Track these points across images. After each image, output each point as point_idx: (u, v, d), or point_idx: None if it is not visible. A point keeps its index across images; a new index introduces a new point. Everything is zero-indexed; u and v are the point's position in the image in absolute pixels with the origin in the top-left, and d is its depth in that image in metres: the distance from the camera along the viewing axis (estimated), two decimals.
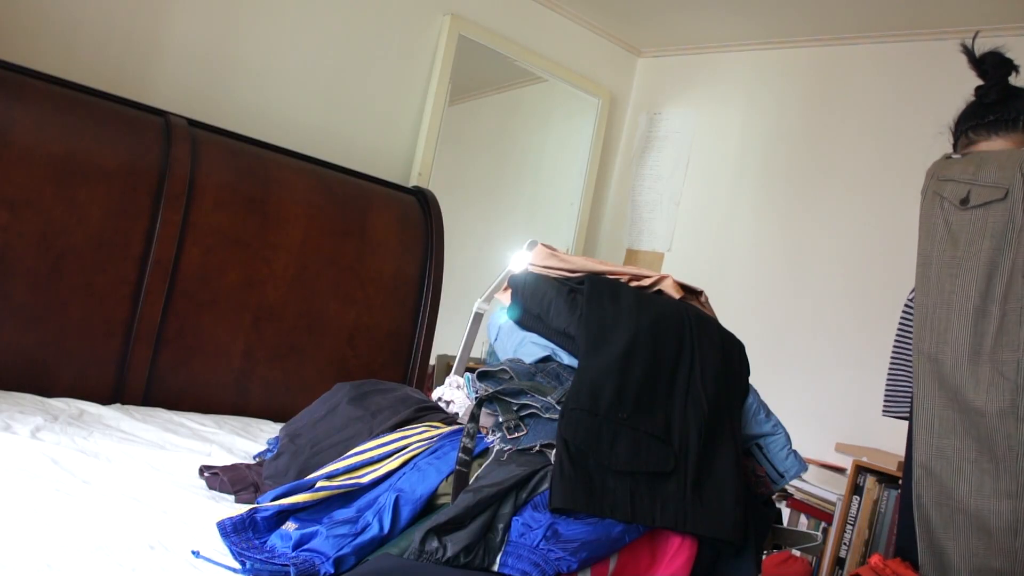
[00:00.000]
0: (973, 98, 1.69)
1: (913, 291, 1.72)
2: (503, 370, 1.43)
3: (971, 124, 1.67)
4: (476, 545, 1.15)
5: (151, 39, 2.64)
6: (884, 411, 1.91)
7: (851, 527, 2.82)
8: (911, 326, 1.70)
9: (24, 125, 2.14)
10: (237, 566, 1.20)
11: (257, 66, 2.86)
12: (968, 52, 1.68)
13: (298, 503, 1.31)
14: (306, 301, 2.61)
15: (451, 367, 2.31)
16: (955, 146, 1.72)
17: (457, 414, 1.72)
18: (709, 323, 1.50)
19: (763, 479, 1.47)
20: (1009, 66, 1.65)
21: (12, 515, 1.24)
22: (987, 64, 1.66)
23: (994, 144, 1.63)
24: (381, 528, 1.22)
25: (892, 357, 1.89)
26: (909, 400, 1.77)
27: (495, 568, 1.15)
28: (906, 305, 1.85)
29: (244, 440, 2.09)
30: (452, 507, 1.19)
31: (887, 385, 1.90)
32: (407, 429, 1.53)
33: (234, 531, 1.28)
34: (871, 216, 3.18)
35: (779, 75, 3.57)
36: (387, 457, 1.41)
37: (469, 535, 1.16)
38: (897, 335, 1.87)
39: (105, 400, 2.21)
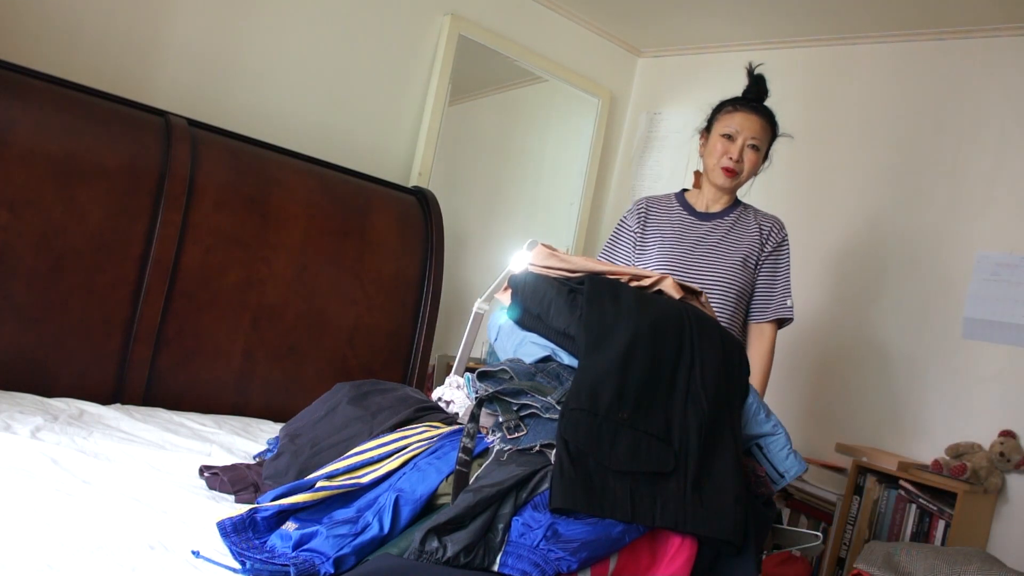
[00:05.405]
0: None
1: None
2: (503, 370, 1.43)
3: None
4: (476, 545, 1.15)
5: (151, 39, 2.64)
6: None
7: (851, 527, 2.82)
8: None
9: (24, 125, 2.14)
10: (237, 566, 1.20)
11: (257, 66, 2.86)
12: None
13: (298, 503, 1.31)
14: (306, 301, 2.61)
15: (451, 367, 2.30)
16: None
17: (457, 414, 1.72)
18: (709, 323, 1.49)
19: (763, 479, 1.47)
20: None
21: (12, 515, 1.24)
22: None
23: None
24: (381, 528, 1.22)
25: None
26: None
27: (495, 568, 1.15)
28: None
29: (244, 440, 2.09)
30: (452, 507, 1.19)
31: None
32: (407, 429, 1.53)
33: (234, 531, 1.28)
34: (870, 216, 3.18)
35: (779, 75, 3.56)
36: (387, 457, 1.41)
37: (469, 535, 1.16)
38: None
39: (105, 400, 2.21)
